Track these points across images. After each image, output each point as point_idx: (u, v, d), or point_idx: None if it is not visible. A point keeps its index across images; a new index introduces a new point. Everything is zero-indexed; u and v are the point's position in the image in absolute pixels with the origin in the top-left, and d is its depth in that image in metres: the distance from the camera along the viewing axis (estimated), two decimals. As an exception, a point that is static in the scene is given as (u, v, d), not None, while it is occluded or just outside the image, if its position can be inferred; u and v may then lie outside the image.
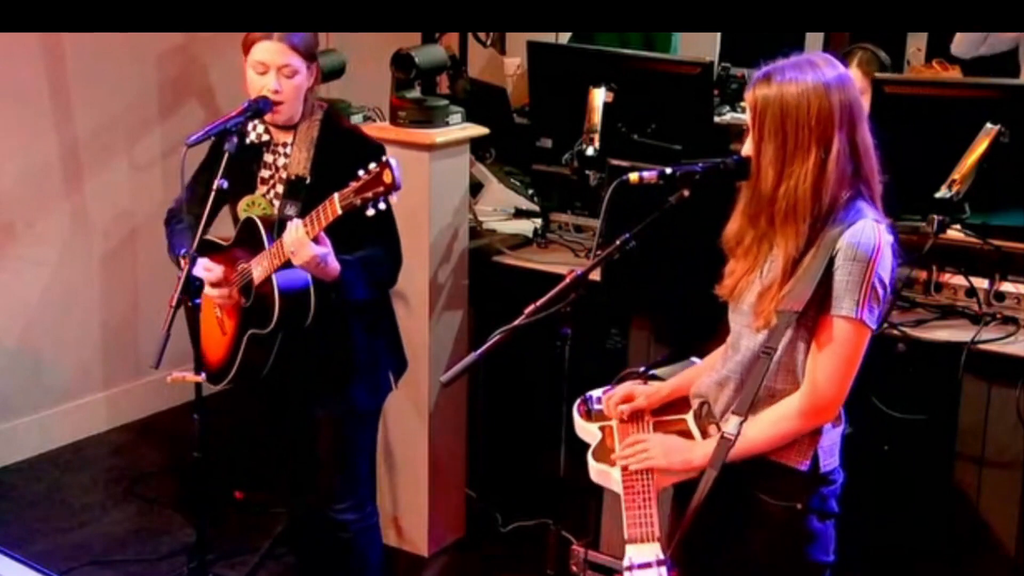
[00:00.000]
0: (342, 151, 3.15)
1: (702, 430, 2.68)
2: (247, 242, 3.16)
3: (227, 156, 3.04)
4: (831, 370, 2.48)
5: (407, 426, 4.09)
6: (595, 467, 2.72)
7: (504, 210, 4.38)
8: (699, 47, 5.30)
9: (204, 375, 3.12)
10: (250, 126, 3.21)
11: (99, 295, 5.01)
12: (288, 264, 3.02)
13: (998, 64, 5.07)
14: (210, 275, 3.16)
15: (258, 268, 3.11)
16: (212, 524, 3.58)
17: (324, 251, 2.98)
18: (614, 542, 3.52)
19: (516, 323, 2.59)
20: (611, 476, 2.67)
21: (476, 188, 4.37)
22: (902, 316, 3.47)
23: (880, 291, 2.46)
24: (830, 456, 2.58)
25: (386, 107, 4.10)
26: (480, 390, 4.29)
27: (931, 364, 3.38)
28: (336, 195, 2.89)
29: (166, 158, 5.06)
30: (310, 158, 3.18)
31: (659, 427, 2.76)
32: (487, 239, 4.21)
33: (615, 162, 3.73)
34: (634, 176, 2.64)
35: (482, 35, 5.46)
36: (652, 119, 3.97)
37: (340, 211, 2.89)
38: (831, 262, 2.45)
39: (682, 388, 2.79)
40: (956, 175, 3.33)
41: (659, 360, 3.08)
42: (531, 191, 4.40)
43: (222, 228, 3.27)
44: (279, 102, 3.14)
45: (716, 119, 4.64)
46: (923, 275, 3.55)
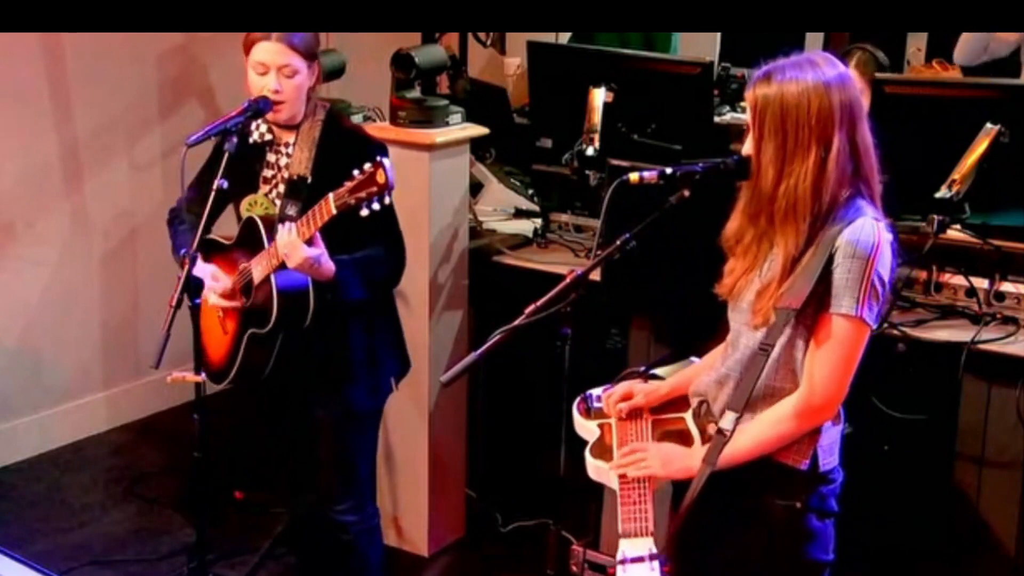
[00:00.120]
0: (344, 151, 3.14)
1: (701, 429, 2.67)
2: (248, 242, 3.16)
3: (227, 156, 3.04)
4: (830, 368, 2.48)
5: (407, 426, 4.09)
6: (592, 463, 2.72)
7: (504, 210, 4.38)
8: (699, 47, 5.29)
9: (204, 375, 3.13)
10: (253, 125, 3.21)
11: (99, 295, 5.01)
12: (285, 265, 3.03)
13: (998, 65, 5.07)
14: (217, 285, 3.17)
15: (258, 268, 3.11)
16: (212, 524, 3.57)
17: (317, 253, 2.98)
18: (614, 542, 3.48)
19: (516, 323, 2.59)
20: (607, 472, 2.67)
21: (476, 188, 4.36)
22: (902, 316, 3.47)
23: (879, 289, 2.46)
24: (830, 455, 2.58)
25: (386, 107, 4.10)
26: (480, 390, 4.29)
27: (931, 364, 3.38)
28: (331, 195, 2.89)
29: (166, 158, 5.06)
30: (311, 158, 3.18)
31: (658, 425, 2.76)
32: (487, 239, 4.21)
33: (615, 162, 3.73)
34: (634, 176, 2.64)
35: (482, 35, 5.46)
36: (652, 119, 3.97)
37: (335, 211, 2.88)
38: (830, 260, 2.45)
39: (681, 387, 2.79)
40: (956, 175, 3.33)
41: (659, 359, 3.08)
42: (531, 191, 4.40)
43: (228, 227, 3.28)
44: (279, 102, 3.14)
45: (716, 119, 4.64)
46: (923, 275, 3.55)
